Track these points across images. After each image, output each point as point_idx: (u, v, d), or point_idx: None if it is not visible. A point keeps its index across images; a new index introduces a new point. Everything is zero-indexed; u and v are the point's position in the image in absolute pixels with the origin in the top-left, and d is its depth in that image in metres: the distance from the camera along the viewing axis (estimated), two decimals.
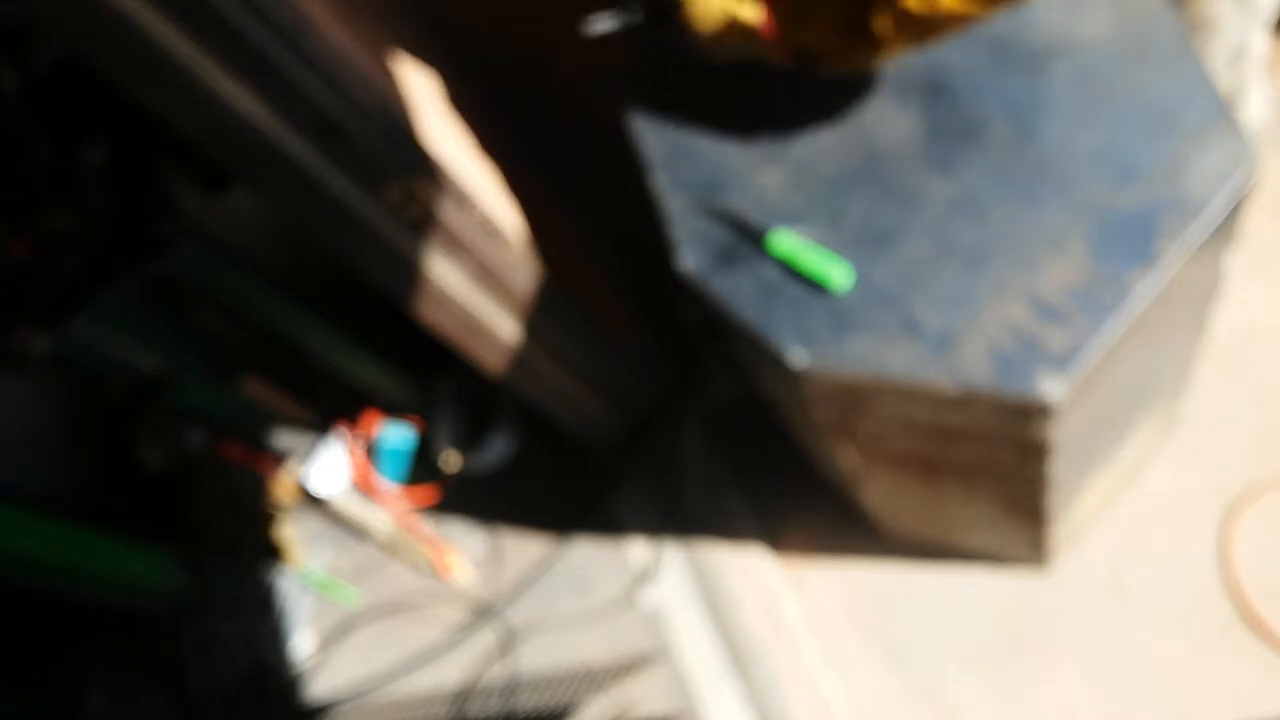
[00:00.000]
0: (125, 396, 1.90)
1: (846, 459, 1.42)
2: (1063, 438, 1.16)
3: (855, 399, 1.18)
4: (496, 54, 1.74)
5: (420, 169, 1.35)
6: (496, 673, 1.95)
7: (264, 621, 2.12)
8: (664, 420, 2.05)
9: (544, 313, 1.67)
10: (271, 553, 2.14)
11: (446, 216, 1.41)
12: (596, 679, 1.90)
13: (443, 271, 1.48)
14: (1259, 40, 1.50)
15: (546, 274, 1.63)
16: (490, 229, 1.49)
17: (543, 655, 1.94)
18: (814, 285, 1.15)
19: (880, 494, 1.57)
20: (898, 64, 1.22)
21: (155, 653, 2.10)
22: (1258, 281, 1.83)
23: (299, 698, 2.04)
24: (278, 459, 2.11)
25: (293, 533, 2.17)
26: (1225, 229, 1.10)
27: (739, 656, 1.84)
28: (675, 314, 2.01)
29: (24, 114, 1.53)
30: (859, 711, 1.77)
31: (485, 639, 1.99)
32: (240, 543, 2.16)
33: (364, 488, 2.15)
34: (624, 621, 1.93)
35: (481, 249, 1.49)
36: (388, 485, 2.14)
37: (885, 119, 1.21)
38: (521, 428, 2.11)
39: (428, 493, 2.14)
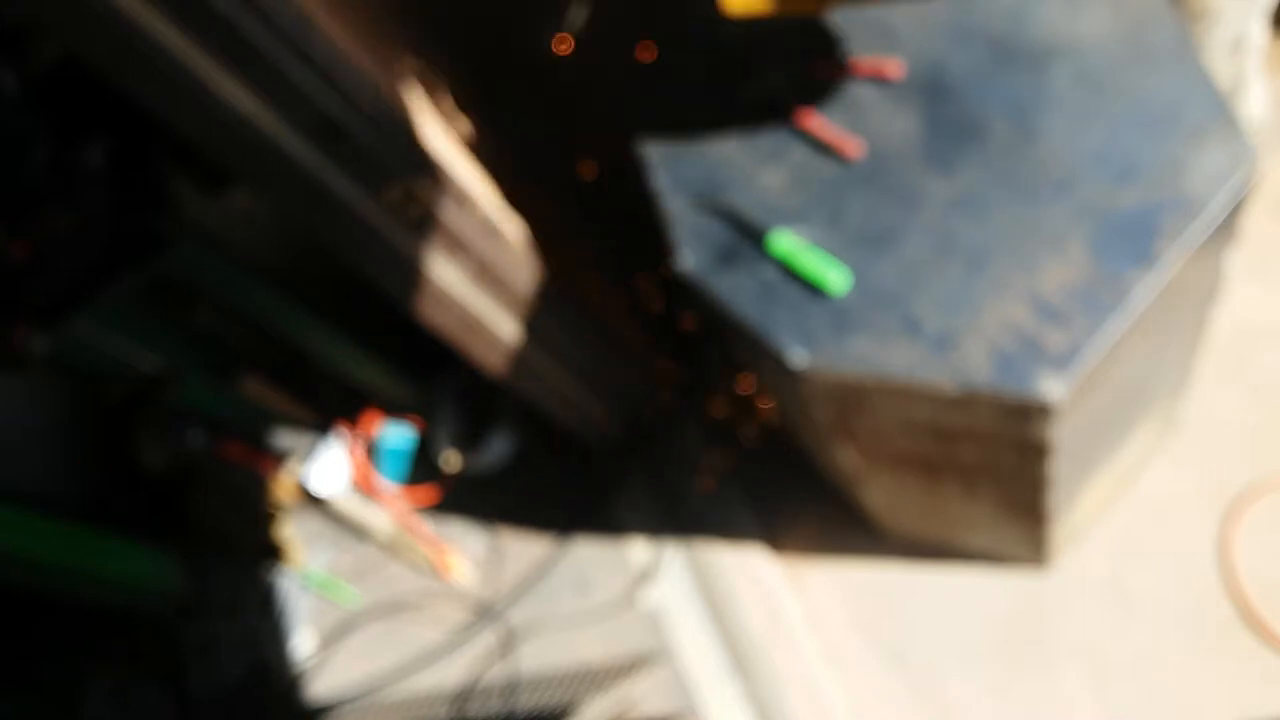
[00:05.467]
0: (125, 396, 1.90)
1: (846, 459, 1.42)
2: (1063, 438, 1.16)
3: (855, 399, 1.18)
4: (497, 55, 1.74)
5: (421, 169, 1.35)
6: (497, 673, 1.95)
7: (264, 621, 2.12)
8: (664, 420, 2.05)
9: (544, 313, 1.67)
10: (271, 553, 2.14)
11: (446, 216, 1.41)
12: (596, 679, 1.89)
13: (443, 271, 1.48)
14: (1258, 31, 1.50)
15: (546, 274, 1.63)
16: (490, 229, 1.49)
17: (543, 655, 1.94)
18: (813, 286, 1.15)
19: (880, 494, 1.57)
20: (899, 65, 1.22)
21: (155, 653, 2.10)
22: (1258, 281, 1.83)
23: (299, 698, 2.04)
24: (278, 459, 2.11)
25: (293, 533, 2.17)
26: (1225, 229, 1.10)
27: (739, 656, 1.84)
28: (675, 314, 2.01)
29: (24, 114, 1.53)
30: (859, 711, 1.77)
31: (485, 639, 1.99)
32: (240, 543, 2.16)
33: (364, 488, 2.15)
34: (624, 621, 1.93)
35: (481, 249, 1.49)
36: (388, 485, 2.14)
37: (885, 119, 1.21)
38: (521, 428, 2.11)
39: (428, 493, 2.14)
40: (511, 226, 1.56)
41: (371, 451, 2.15)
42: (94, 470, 1.97)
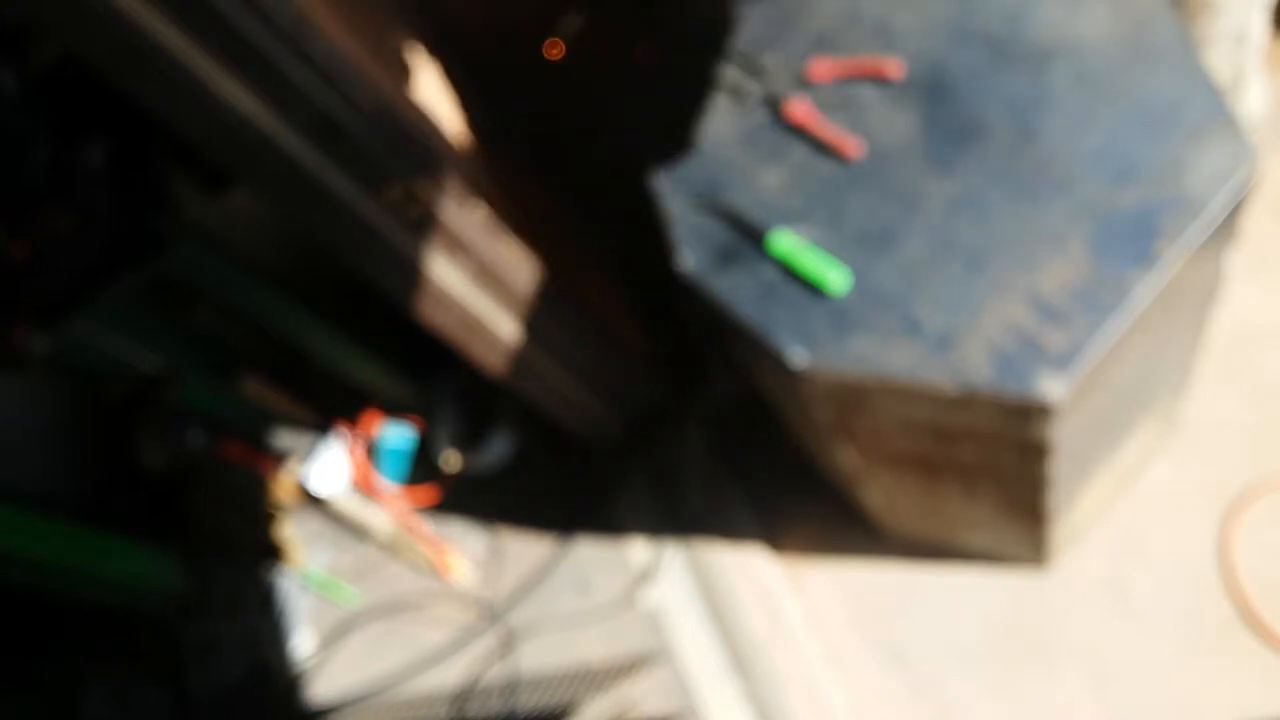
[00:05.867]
0: (125, 396, 1.90)
1: (846, 459, 1.42)
2: (1063, 438, 1.16)
3: (855, 399, 1.18)
4: (499, 55, 1.74)
5: (420, 169, 1.35)
6: (497, 672, 1.95)
7: (264, 621, 2.12)
8: (664, 420, 2.05)
9: (544, 313, 1.67)
10: (271, 553, 2.14)
11: (446, 216, 1.41)
12: (596, 679, 1.89)
13: (443, 271, 1.48)
14: (1259, 26, 1.49)
15: (546, 274, 1.63)
16: (490, 229, 1.49)
17: (543, 655, 1.94)
18: (813, 286, 1.15)
19: (880, 494, 1.57)
20: (899, 65, 1.22)
21: (155, 653, 2.10)
22: (1258, 282, 1.82)
23: (299, 698, 2.04)
24: (278, 459, 2.11)
25: (293, 533, 2.17)
26: (1225, 229, 1.09)
27: (739, 656, 1.84)
28: (675, 314, 2.01)
29: (24, 114, 1.53)
30: (859, 711, 1.77)
31: (485, 639, 1.99)
32: (240, 543, 2.16)
33: (364, 488, 2.15)
34: (624, 621, 1.93)
35: (481, 249, 1.49)
36: (388, 485, 2.14)
37: (885, 119, 1.21)
38: (521, 428, 2.11)
39: (428, 493, 2.14)
40: (512, 226, 1.56)
41: (371, 451, 2.15)
42: (94, 470, 1.97)
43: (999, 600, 1.77)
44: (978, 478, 1.35)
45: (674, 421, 2.04)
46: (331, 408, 2.13)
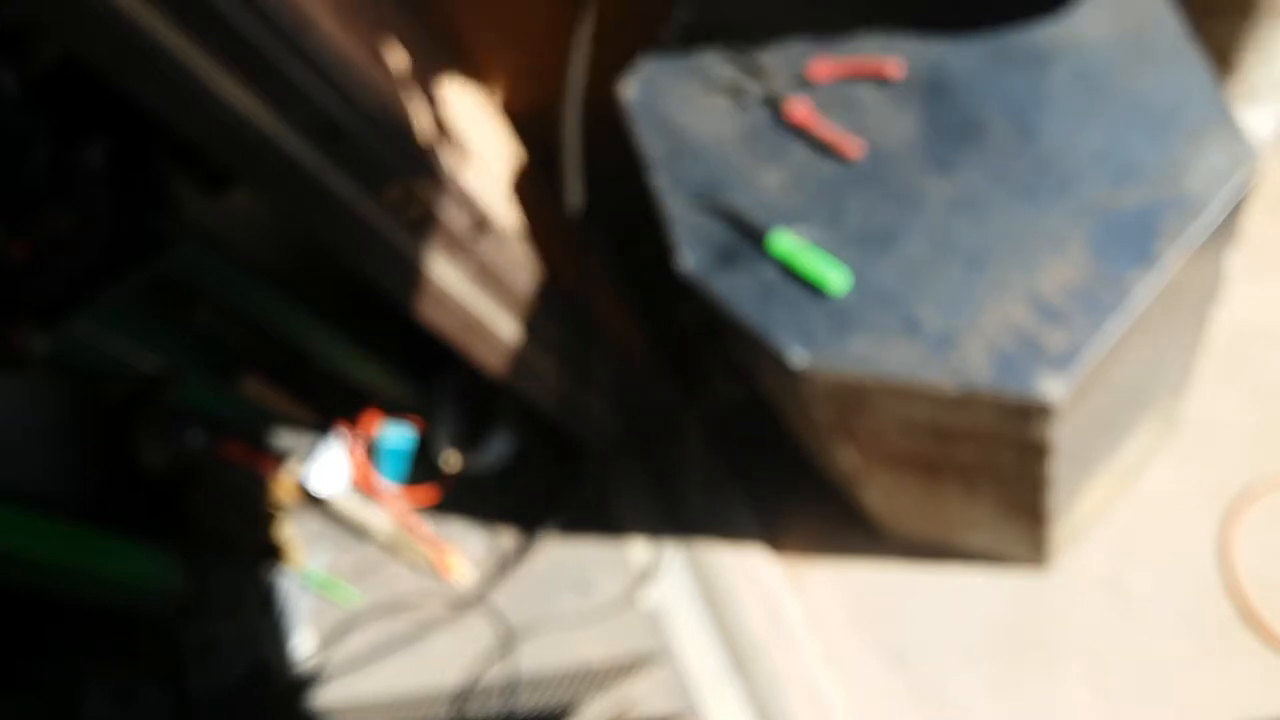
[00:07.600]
0: (125, 396, 1.90)
1: (846, 459, 1.42)
2: (1063, 438, 1.16)
3: (855, 399, 1.18)
4: (497, 54, 1.74)
5: (420, 169, 1.35)
6: (496, 672, 1.95)
7: (264, 621, 2.12)
8: (664, 421, 2.05)
9: (544, 313, 1.67)
10: (271, 553, 2.14)
11: (446, 216, 1.41)
12: (596, 679, 1.89)
13: (443, 271, 1.48)
14: None
15: (546, 274, 1.63)
16: (490, 229, 1.49)
17: (543, 655, 1.94)
18: (813, 286, 1.15)
19: (880, 494, 1.57)
20: (899, 65, 1.22)
21: (155, 653, 2.10)
22: (1258, 281, 1.83)
23: (299, 698, 2.04)
24: (278, 459, 2.11)
25: (293, 533, 2.17)
26: (1225, 229, 1.10)
27: (739, 656, 1.84)
28: (675, 314, 2.01)
29: (24, 114, 1.53)
30: (859, 711, 1.77)
31: (485, 639, 1.99)
32: (240, 543, 2.16)
33: (364, 488, 2.15)
34: (624, 621, 1.93)
35: (481, 249, 1.49)
36: (388, 485, 2.14)
37: (885, 119, 1.21)
38: (521, 428, 2.11)
39: (428, 493, 2.14)
40: (512, 226, 1.56)
41: (371, 451, 2.15)
42: (94, 470, 1.97)
43: (999, 600, 1.77)
44: (978, 478, 1.35)
45: (674, 421, 2.04)
46: (331, 408, 2.13)
